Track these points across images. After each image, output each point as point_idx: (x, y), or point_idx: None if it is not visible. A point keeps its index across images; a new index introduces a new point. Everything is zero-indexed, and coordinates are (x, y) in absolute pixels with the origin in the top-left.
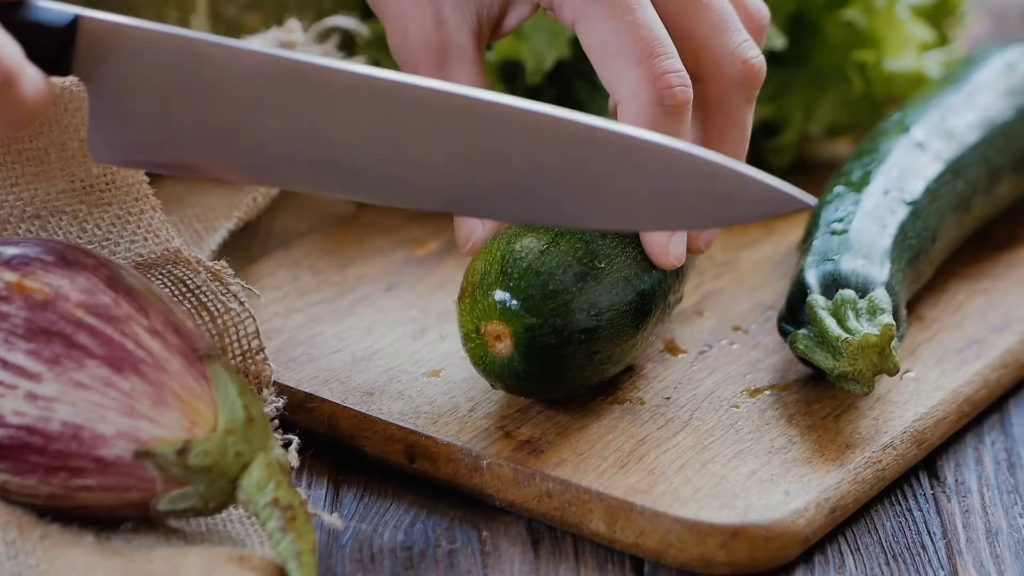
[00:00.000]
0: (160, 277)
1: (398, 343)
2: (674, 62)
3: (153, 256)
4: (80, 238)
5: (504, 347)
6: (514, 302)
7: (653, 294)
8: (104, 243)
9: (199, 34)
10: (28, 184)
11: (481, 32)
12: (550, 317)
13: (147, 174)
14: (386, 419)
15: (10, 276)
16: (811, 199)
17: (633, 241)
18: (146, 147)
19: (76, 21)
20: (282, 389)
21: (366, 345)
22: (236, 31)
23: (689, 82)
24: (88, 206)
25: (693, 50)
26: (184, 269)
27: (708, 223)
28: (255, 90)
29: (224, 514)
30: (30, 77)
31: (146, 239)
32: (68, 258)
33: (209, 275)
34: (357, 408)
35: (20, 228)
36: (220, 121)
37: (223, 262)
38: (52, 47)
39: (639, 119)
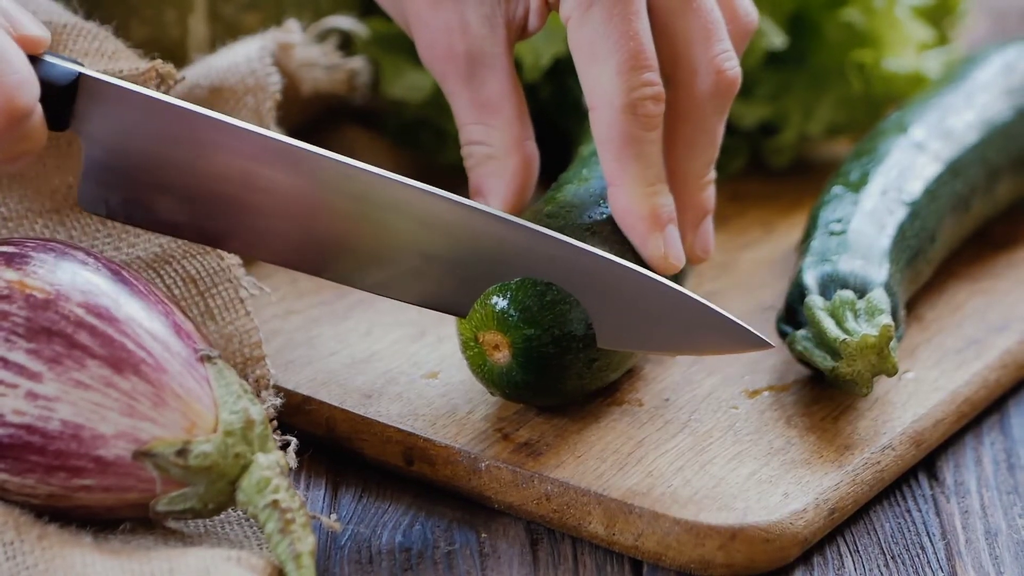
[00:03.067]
0: (172, 275)
1: (396, 345)
2: (653, 76)
3: (172, 247)
4: (99, 231)
5: (502, 356)
6: (512, 312)
7: None
8: (124, 235)
9: (194, 107)
10: (34, 180)
11: (510, 38)
12: (548, 327)
13: None
14: (384, 421)
15: (11, 275)
16: (770, 343)
17: (630, 249)
18: (132, 205)
19: (78, 79)
20: (281, 391)
21: (364, 347)
22: (234, 31)
23: (663, 97)
24: None
25: (672, 53)
26: (201, 262)
27: (677, 351)
28: (244, 166)
29: (223, 516)
30: (39, 116)
31: None
32: (69, 258)
33: (227, 269)
34: (355, 410)
35: (23, 225)
36: (207, 191)
37: (236, 257)
38: (54, 103)
39: (610, 124)
